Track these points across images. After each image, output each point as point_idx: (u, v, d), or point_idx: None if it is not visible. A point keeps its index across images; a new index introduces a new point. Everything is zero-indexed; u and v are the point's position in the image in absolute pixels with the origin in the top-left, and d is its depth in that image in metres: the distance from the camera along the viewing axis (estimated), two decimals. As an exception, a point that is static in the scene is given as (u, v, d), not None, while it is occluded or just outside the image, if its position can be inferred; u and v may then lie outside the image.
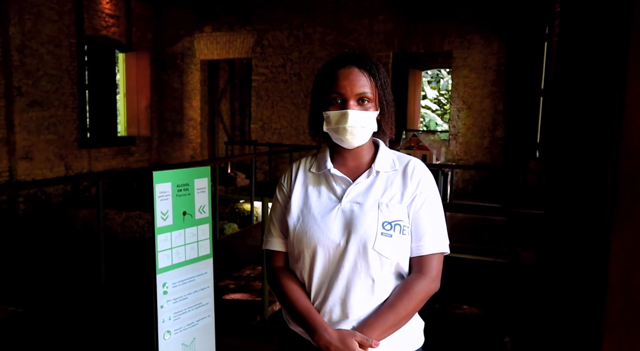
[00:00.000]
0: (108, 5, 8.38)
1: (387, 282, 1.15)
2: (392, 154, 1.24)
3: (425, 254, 1.16)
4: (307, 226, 1.16)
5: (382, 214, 1.13)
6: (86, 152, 8.09)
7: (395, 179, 1.18)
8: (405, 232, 1.14)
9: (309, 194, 1.22)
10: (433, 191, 1.20)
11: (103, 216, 6.51)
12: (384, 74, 1.20)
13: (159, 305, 2.00)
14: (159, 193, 1.99)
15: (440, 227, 1.18)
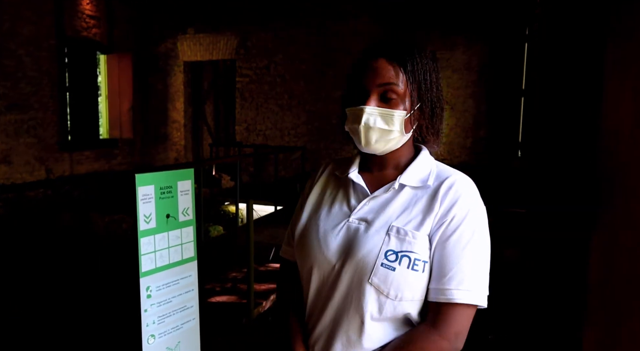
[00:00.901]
0: (89, 6, 8.26)
1: (383, 328, 0.92)
2: (433, 166, 0.99)
3: (443, 302, 0.88)
4: (309, 238, 1.00)
5: (390, 241, 0.90)
6: (67, 156, 7.95)
7: (422, 198, 0.93)
8: (418, 267, 0.89)
9: (323, 201, 1.04)
10: (474, 221, 0.91)
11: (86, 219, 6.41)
12: (429, 67, 0.96)
13: (143, 309, 1.97)
14: (141, 195, 1.96)
15: (475, 270, 0.89)
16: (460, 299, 0.88)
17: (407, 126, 0.96)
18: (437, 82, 0.98)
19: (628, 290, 1.59)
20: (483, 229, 0.92)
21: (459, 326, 0.89)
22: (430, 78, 0.96)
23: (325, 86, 8.27)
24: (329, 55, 8.19)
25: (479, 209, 0.93)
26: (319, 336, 0.97)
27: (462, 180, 0.95)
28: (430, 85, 0.96)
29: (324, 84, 8.26)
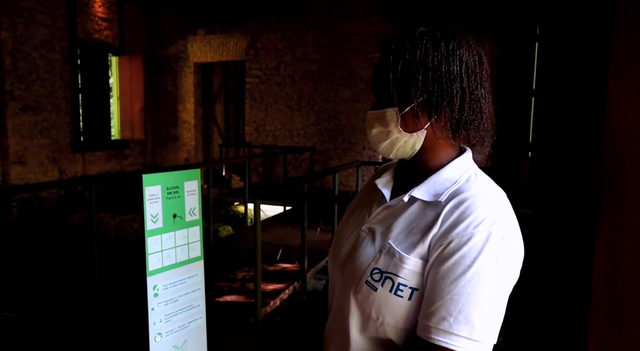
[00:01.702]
0: (101, 9, 8.37)
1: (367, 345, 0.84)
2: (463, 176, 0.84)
3: (423, 338, 0.75)
4: (334, 244, 0.95)
5: (380, 259, 0.81)
6: (80, 156, 8.07)
7: (428, 215, 0.81)
8: (403, 294, 0.78)
9: (357, 206, 0.99)
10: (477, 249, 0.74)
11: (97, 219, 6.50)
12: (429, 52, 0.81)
13: (150, 307, 2.00)
14: (148, 195, 1.99)
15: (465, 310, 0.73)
16: (437, 341, 0.74)
17: (408, 124, 0.84)
18: (446, 69, 0.81)
19: (632, 290, 1.58)
20: (490, 262, 0.74)
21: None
22: (432, 66, 0.81)
23: (334, 87, 8.28)
24: (338, 55, 8.21)
25: (491, 237, 0.75)
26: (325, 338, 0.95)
27: (479, 198, 0.79)
28: (432, 75, 0.81)
29: (333, 84, 8.28)
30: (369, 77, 8.07)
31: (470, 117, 0.84)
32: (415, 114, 0.83)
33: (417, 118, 0.83)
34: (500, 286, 0.75)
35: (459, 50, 0.83)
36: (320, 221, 5.01)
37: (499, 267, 0.75)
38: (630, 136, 1.60)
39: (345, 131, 8.29)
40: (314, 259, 4.44)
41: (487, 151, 0.91)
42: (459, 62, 0.82)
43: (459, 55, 0.82)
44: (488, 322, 0.74)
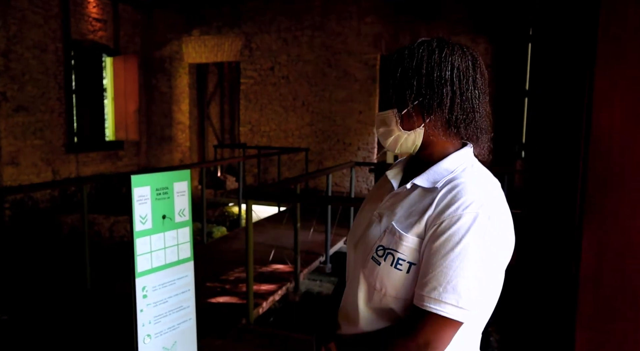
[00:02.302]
0: (95, 9, 8.34)
1: (373, 316, 0.96)
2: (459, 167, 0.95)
3: (417, 306, 0.87)
4: (351, 229, 1.10)
5: (384, 238, 0.93)
6: (74, 157, 8.04)
7: (426, 200, 0.92)
8: (402, 267, 0.90)
9: (372, 195, 1.11)
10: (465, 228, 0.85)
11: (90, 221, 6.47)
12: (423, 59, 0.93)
13: (139, 309, 2.00)
14: (137, 196, 1.99)
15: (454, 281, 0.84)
16: (429, 307, 0.85)
17: (406, 123, 0.95)
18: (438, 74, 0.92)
19: (618, 288, 1.59)
20: (476, 239, 0.84)
21: (429, 335, 0.85)
22: (426, 72, 0.92)
23: (329, 87, 8.28)
24: (333, 56, 8.21)
25: (478, 217, 0.85)
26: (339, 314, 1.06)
27: (470, 184, 0.89)
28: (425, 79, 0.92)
29: (328, 85, 8.28)
30: (363, 78, 8.10)
31: (461, 117, 0.94)
32: (411, 114, 0.95)
33: (413, 118, 0.95)
34: (486, 261, 0.86)
35: (451, 56, 0.93)
36: (313, 221, 5.01)
37: (485, 244, 0.85)
38: (616, 138, 1.61)
39: (339, 131, 8.29)
40: (308, 260, 4.44)
41: (485, 146, 1.01)
42: (450, 68, 0.93)
43: (451, 61, 0.93)
44: (473, 293, 0.84)
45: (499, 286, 0.93)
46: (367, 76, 8.04)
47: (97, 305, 3.52)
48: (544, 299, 2.04)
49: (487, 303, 0.92)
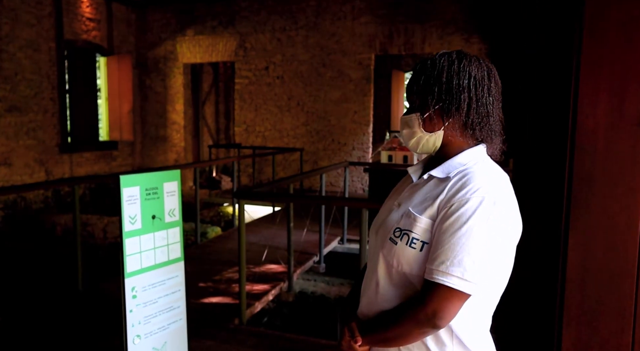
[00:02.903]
0: (88, 9, 8.31)
1: (393, 291, 1.06)
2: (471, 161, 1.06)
3: (427, 279, 0.98)
4: (374, 221, 1.21)
5: (401, 221, 1.05)
6: (67, 158, 8.01)
7: (439, 187, 1.04)
8: (415, 246, 1.01)
9: (395, 190, 1.24)
10: (471, 211, 0.96)
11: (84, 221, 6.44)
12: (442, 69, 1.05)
13: (128, 309, 1.99)
14: (126, 196, 1.99)
15: (460, 256, 0.94)
16: (438, 279, 0.96)
17: (429, 125, 1.08)
18: (460, 81, 1.05)
19: (604, 289, 1.60)
20: (481, 220, 0.95)
21: (437, 305, 0.96)
22: (445, 78, 1.05)
23: (323, 87, 8.29)
24: (328, 56, 8.22)
25: (483, 202, 0.96)
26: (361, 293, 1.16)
27: (478, 173, 1.01)
28: (445, 87, 1.05)
29: (323, 85, 8.28)
30: (358, 77, 8.10)
31: (476, 120, 1.07)
32: (432, 117, 1.07)
33: (434, 121, 1.07)
34: (490, 241, 0.96)
35: (469, 67, 1.06)
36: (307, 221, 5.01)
37: (489, 226, 0.96)
38: (600, 138, 1.62)
39: (334, 131, 8.30)
40: (301, 259, 4.44)
41: (497, 148, 1.12)
42: (467, 77, 1.05)
43: (468, 71, 1.06)
44: (477, 267, 0.95)
45: (506, 269, 1.03)
46: (361, 76, 8.05)
47: (88, 306, 3.51)
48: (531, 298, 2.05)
49: (495, 283, 1.02)
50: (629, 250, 1.56)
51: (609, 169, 1.62)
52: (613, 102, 1.59)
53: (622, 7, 1.55)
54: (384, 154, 5.92)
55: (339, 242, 5.14)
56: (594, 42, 1.61)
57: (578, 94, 1.65)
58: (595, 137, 1.62)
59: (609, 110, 1.60)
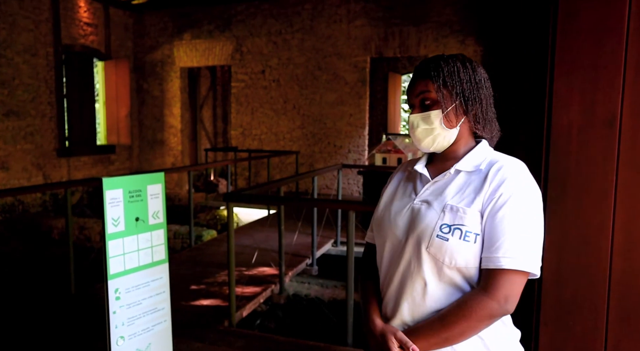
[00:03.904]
0: (86, 14, 8.37)
1: (443, 291, 1.06)
2: (488, 154, 1.13)
3: (492, 268, 1.01)
4: (383, 221, 1.18)
5: (444, 216, 1.06)
6: (65, 162, 8.05)
7: (475, 180, 1.08)
8: (469, 239, 1.03)
9: (397, 191, 1.22)
10: (521, 197, 1.03)
11: (81, 225, 6.46)
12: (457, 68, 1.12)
13: (112, 311, 2.01)
14: (109, 199, 2.01)
15: (522, 240, 1.01)
16: (506, 265, 1.00)
17: (448, 121, 1.12)
18: (473, 79, 1.13)
19: (578, 288, 1.62)
20: (531, 206, 1.03)
21: (508, 290, 1.00)
22: (461, 77, 1.12)
23: (319, 90, 8.32)
24: (323, 59, 8.25)
25: (526, 189, 1.05)
26: (390, 299, 1.14)
27: (511, 163, 1.08)
28: (464, 82, 1.11)
29: (318, 88, 8.31)
30: (353, 80, 8.13)
31: (490, 116, 1.16)
32: (451, 114, 1.12)
33: (452, 118, 1.12)
34: (538, 222, 1.05)
35: (479, 68, 1.16)
36: (299, 224, 5.02)
37: (536, 208, 1.05)
38: (574, 139, 1.63)
39: (330, 134, 8.32)
40: (294, 262, 4.45)
41: (495, 141, 1.21)
42: (480, 76, 1.15)
43: (480, 71, 1.15)
44: (536, 248, 1.03)
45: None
46: (357, 79, 8.08)
47: (78, 309, 3.53)
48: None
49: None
50: (602, 250, 1.58)
51: (582, 170, 1.63)
52: (585, 103, 1.61)
53: (592, 12, 1.58)
54: (378, 157, 5.94)
55: (332, 245, 5.16)
56: (566, 45, 1.63)
57: (552, 95, 1.67)
58: (568, 138, 1.64)
59: (582, 111, 1.61)
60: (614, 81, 1.56)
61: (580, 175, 1.63)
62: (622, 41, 1.54)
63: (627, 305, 1.56)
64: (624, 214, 1.56)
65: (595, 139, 1.59)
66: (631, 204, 1.55)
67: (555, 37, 1.66)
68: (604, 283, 1.58)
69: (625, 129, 1.55)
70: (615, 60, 1.55)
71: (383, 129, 10.40)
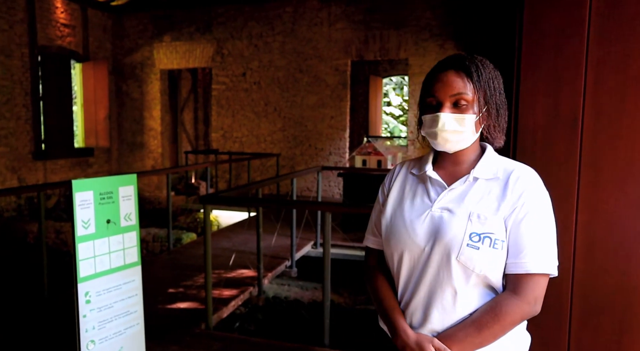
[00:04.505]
0: (63, 14, 8.24)
1: (472, 296, 1.08)
2: (499, 160, 1.15)
3: (521, 273, 1.05)
4: (397, 228, 1.15)
5: (472, 225, 1.06)
6: (41, 165, 7.89)
7: (495, 188, 1.10)
8: (497, 246, 1.05)
9: (405, 196, 1.19)
10: (540, 205, 1.08)
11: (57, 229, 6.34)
12: (492, 75, 1.12)
13: (81, 314, 1.98)
14: (79, 201, 1.98)
15: (545, 245, 1.06)
16: (533, 270, 1.05)
17: (476, 126, 1.11)
18: (500, 87, 1.14)
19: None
20: (548, 211, 1.09)
21: (537, 292, 1.06)
22: (494, 84, 1.12)
23: (300, 93, 8.33)
24: (304, 62, 8.27)
25: (544, 195, 1.10)
26: (415, 308, 1.12)
27: (527, 172, 1.12)
28: (494, 90, 1.12)
29: (299, 90, 8.33)
30: (334, 83, 8.16)
31: (503, 126, 1.17)
32: (480, 119, 1.12)
33: (479, 123, 1.12)
34: (554, 229, 1.10)
35: (496, 71, 1.15)
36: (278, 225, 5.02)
37: (551, 213, 1.11)
38: (539, 138, 1.67)
39: (311, 136, 8.33)
40: (273, 264, 4.44)
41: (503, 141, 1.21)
42: (499, 80, 1.14)
43: (498, 75, 1.15)
44: (555, 251, 1.09)
45: None
46: (338, 82, 8.12)
47: (50, 313, 3.46)
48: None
49: None
50: (565, 251, 1.61)
51: (547, 171, 1.67)
52: (549, 105, 1.65)
53: (554, 18, 1.62)
54: (358, 159, 5.97)
55: (312, 246, 5.16)
56: (531, 47, 1.68)
57: (519, 97, 1.71)
58: (534, 139, 1.68)
59: (546, 112, 1.66)
60: (576, 83, 1.60)
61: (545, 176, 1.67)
62: (583, 45, 1.59)
63: (588, 305, 1.60)
64: (586, 214, 1.61)
65: (558, 139, 1.64)
66: (592, 205, 1.60)
67: (521, 41, 1.70)
68: (568, 282, 1.62)
69: (586, 129, 1.59)
70: (577, 63, 1.60)
71: (364, 131, 10.46)
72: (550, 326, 1.65)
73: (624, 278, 1.56)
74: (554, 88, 1.65)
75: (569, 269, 1.61)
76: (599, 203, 1.59)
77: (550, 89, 1.65)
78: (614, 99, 1.56)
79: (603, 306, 1.58)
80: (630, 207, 1.54)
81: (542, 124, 1.67)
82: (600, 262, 1.59)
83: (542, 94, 1.67)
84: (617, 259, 1.56)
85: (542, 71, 1.66)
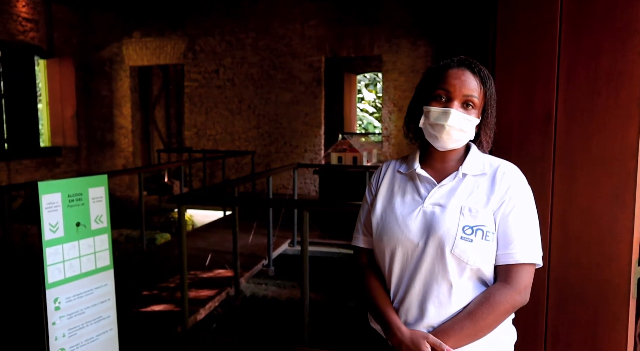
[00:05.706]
0: (25, 8, 7.92)
1: (467, 288, 1.11)
2: (484, 157, 1.20)
3: (511, 263, 1.10)
4: (389, 225, 1.16)
5: (464, 218, 1.10)
6: (4, 165, 7.58)
7: (483, 183, 1.14)
8: (489, 238, 1.10)
9: (394, 194, 1.21)
10: (525, 198, 1.14)
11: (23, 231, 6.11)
12: (493, 84, 1.19)
13: (50, 322, 1.90)
14: (45, 204, 1.90)
15: (531, 236, 1.12)
16: (522, 260, 1.10)
17: (475, 129, 1.18)
18: (495, 96, 1.21)
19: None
20: (532, 205, 1.15)
21: (526, 281, 1.11)
22: (493, 94, 1.19)
23: (274, 90, 8.26)
24: (278, 59, 8.20)
25: (528, 189, 1.16)
26: (410, 304, 1.13)
27: (512, 168, 1.18)
28: (493, 100, 1.19)
29: (274, 87, 8.26)
30: (308, 80, 8.12)
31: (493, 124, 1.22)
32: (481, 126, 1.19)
33: (477, 126, 1.18)
34: (537, 220, 1.16)
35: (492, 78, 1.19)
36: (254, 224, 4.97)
37: (534, 205, 1.16)
38: (515, 136, 1.69)
39: (286, 134, 8.29)
40: (250, 263, 4.40)
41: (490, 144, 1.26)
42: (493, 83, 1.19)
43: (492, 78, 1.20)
44: (539, 242, 1.14)
45: None
46: (312, 78, 8.09)
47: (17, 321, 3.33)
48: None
49: None
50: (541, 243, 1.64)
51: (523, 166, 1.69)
52: (524, 102, 1.67)
53: (528, 16, 1.64)
54: (333, 156, 5.97)
55: (289, 244, 5.13)
56: (505, 45, 1.69)
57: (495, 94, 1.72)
58: (510, 135, 1.69)
59: (521, 109, 1.67)
60: (549, 79, 1.62)
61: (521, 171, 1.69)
62: (555, 41, 1.61)
63: (563, 296, 1.63)
64: (561, 208, 1.63)
65: (534, 135, 1.65)
66: (567, 199, 1.62)
67: (495, 39, 1.71)
68: (544, 274, 1.65)
69: (560, 125, 1.62)
70: (550, 60, 1.62)
71: (340, 128, 10.47)
72: (528, 317, 1.68)
73: (597, 270, 1.59)
74: (528, 85, 1.67)
75: (545, 264, 1.64)
76: (572, 197, 1.62)
77: (525, 85, 1.67)
78: (586, 95, 1.58)
79: (578, 298, 1.62)
80: (603, 201, 1.57)
81: (517, 120, 1.69)
82: (574, 255, 1.62)
83: (517, 90, 1.68)
84: (591, 252, 1.59)
85: (517, 68, 1.68)
